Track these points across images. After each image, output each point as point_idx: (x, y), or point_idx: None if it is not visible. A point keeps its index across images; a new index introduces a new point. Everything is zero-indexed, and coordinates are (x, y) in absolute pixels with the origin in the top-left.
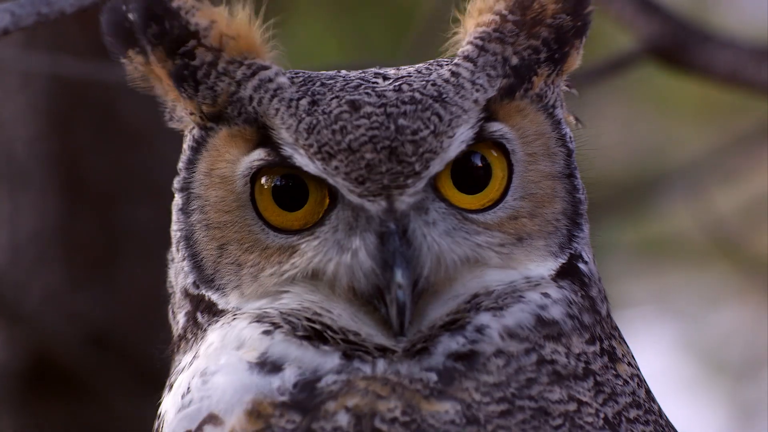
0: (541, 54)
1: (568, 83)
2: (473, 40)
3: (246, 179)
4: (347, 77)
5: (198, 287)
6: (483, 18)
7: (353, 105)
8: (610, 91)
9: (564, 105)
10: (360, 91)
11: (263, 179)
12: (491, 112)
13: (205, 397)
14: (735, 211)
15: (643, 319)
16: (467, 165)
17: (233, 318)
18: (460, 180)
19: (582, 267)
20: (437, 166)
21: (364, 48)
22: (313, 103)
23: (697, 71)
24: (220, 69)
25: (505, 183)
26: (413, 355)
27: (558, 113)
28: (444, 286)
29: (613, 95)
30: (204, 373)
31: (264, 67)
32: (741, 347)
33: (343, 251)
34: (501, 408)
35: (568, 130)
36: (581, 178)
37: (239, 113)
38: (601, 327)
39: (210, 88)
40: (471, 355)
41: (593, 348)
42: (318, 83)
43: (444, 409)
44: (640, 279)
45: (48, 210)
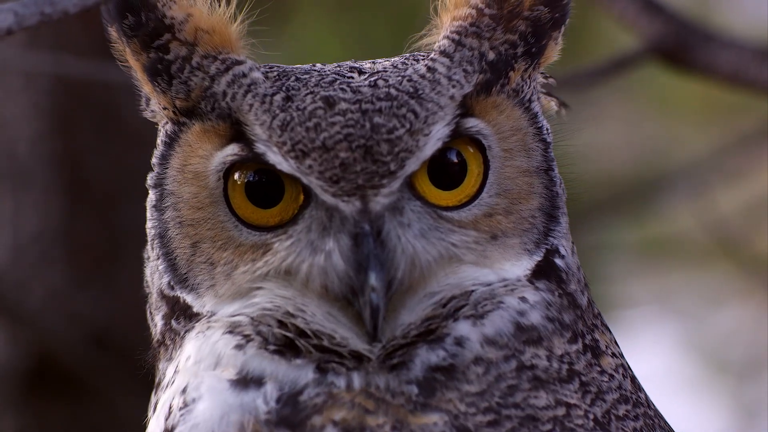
0: (518, 48)
1: (545, 74)
2: (449, 34)
3: (219, 175)
4: (322, 71)
5: (173, 288)
6: (459, 12)
7: (328, 101)
8: (612, 91)
9: (541, 96)
10: (335, 87)
11: (236, 175)
12: (467, 107)
13: (194, 427)
14: (737, 211)
15: (645, 319)
16: (443, 161)
17: (207, 327)
18: (435, 176)
19: (558, 262)
20: (413, 165)
21: (366, 48)
22: (288, 99)
23: (700, 71)
24: (194, 63)
25: (481, 179)
26: (390, 369)
27: (535, 107)
28: (419, 285)
29: (616, 95)
30: (186, 394)
31: (238, 62)
32: (743, 347)
33: (317, 252)
34: (488, 418)
35: (545, 123)
36: (560, 170)
37: (213, 108)
38: (583, 321)
39: (183, 82)
40: (451, 368)
41: (575, 347)
42: (293, 78)
43: (432, 421)
44: (642, 279)
45: (50, 210)
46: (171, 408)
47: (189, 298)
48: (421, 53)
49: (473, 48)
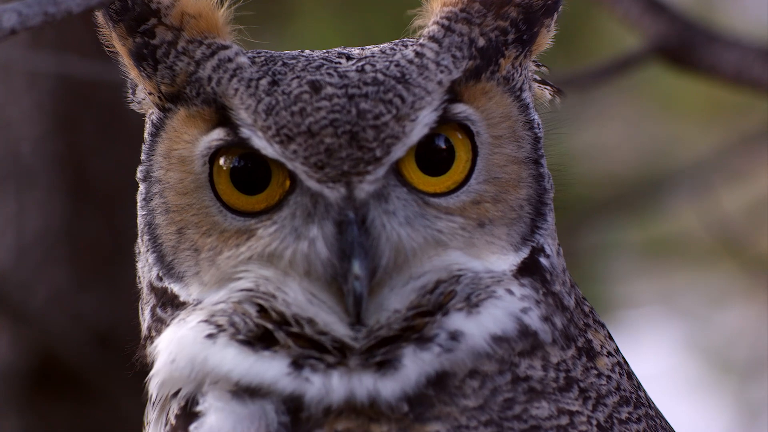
0: (509, 35)
1: (537, 62)
2: (439, 20)
3: (204, 159)
4: (310, 57)
5: (161, 279)
6: None
7: (314, 86)
8: (616, 91)
9: (533, 85)
10: (322, 72)
11: (222, 160)
12: (456, 93)
13: None
14: (740, 211)
15: (649, 319)
16: (431, 147)
17: (189, 315)
18: (423, 162)
19: (543, 262)
20: (399, 151)
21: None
22: (273, 83)
23: (703, 71)
24: (179, 48)
25: (470, 166)
26: (375, 369)
27: (526, 96)
28: (403, 269)
29: (620, 95)
30: (182, 399)
31: (224, 47)
32: (746, 347)
33: (300, 239)
34: (490, 431)
35: (536, 116)
36: (553, 170)
37: (198, 93)
38: (574, 324)
39: (169, 67)
40: (443, 377)
41: (570, 352)
42: (279, 63)
43: (435, 429)
44: (645, 279)
45: (54, 210)
46: (168, 417)
47: (176, 287)
48: (411, 39)
49: (463, 34)
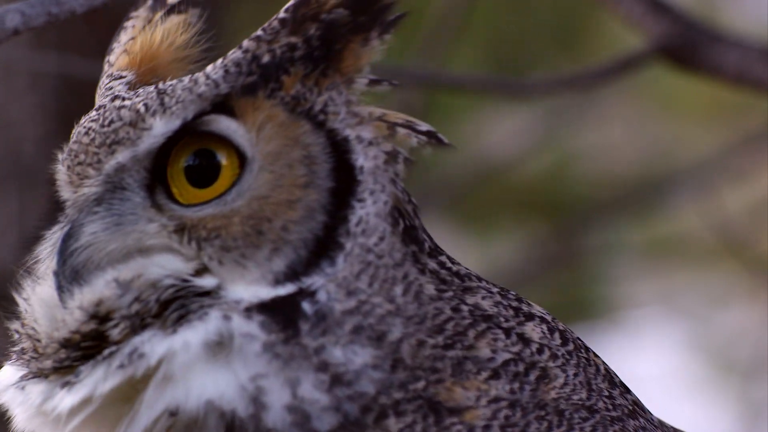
0: (297, 51)
1: (373, 82)
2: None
3: None
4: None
5: None
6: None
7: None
8: (618, 91)
9: (364, 117)
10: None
11: None
12: (227, 108)
13: None
14: (742, 211)
15: (651, 320)
16: (197, 159)
17: None
18: (191, 173)
19: (306, 307)
20: (125, 156)
21: None
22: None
23: (706, 71)
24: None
25: (233, 181)
26: (60, 378)
27: (333, 123)
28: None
29: (622, 95)
30: None
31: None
32: (749, 347)
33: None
34: None
35: (358, 147)
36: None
37: None
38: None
39: None
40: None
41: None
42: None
43: None
44: (647, 279)
45: None
46: None
47: None
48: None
49: (248, 50)
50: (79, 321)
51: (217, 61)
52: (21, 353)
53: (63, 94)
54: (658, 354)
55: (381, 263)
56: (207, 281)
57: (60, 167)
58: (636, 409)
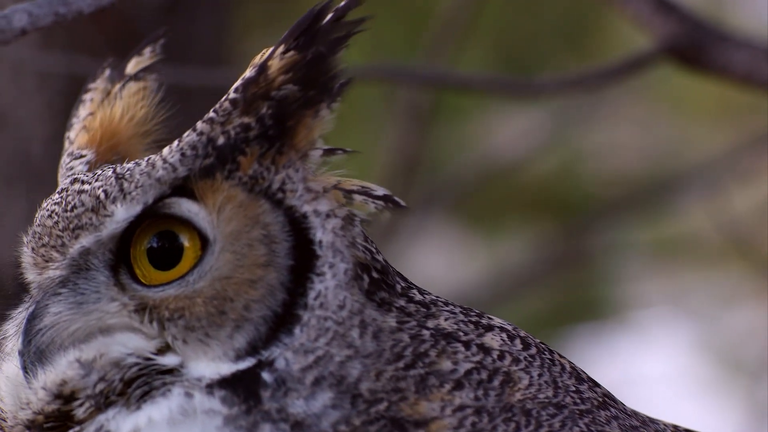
0: (251, 131)
1: (327, 152)
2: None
3: None
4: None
5: None
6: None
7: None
8: (626, 92)
9: (323, 190)
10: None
11: None
12: (187, 190)
13: None
14: (751, 211)
15: (659, 320)
16: (160, 241)
17: None
18: (153, 256)
19: (266, 377)
20: (88, 240)
21: (380, 49)
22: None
23: (714, 71)
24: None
25: (195, 262)
26: None
27: (291, 200)
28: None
29: (630, 95)
30: None
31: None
32: (757, 347)
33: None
34: None
35: (316, 221)
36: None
37: None
38: None
39: None
40: None
41: None
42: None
43: None
44: (655, 279)
45: None
46: None
47: None
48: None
49: (202, 133)
50: (43, 401)
51: (173, 144)
52: None
53: (71, 94)
54: (666, 354)
55: (339, 325)
56: (170, 359)
57: (25, 249)
58: (606, 401)
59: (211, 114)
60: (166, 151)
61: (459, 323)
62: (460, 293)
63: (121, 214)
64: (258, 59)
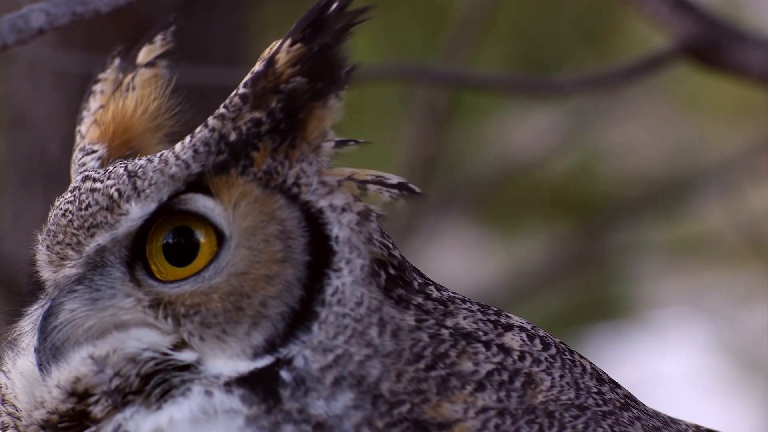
0: (263, 126)
1: (339, 143)
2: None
3: None
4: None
5: None
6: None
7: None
8: (644, 91)
9: (341, 184)
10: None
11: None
12: (202, 186)
13: None
14: None
15: (676, 319)
16: (176, 237)
17: None
18: (169, 252)
19: (284, 375)
20: (104, 239)
21: (397, 48)
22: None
23: (731, 71)
24: None
25: (211, 258)
26: None
27: (307, 195)
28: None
29: (648, 95)
30: None
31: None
32: None
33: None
34: None
35: (332, 216)
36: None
37: None
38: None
39: None
40: None
41: None
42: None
43: None
44: (673, 278)
45: None
46: None
47: None
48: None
49: (214, 129)
50: (58, 399)
51: (185, 140)
52: (2, 428)
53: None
54: (682, 353)
55: (357, 322)
56: (186, 355)
57: (39, 247)
58: (628, 402)
59: (222, 110)
60: (178, 148)
61: (478, 322)
62: (477, 293)
63: (136, 212)
64: (266, 53)
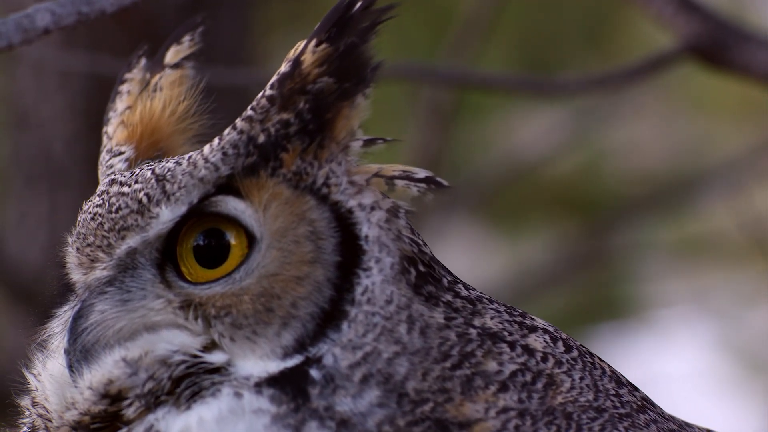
0: (291, 128)
1: (368, 142)
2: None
3: None
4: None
5: None
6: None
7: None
8: (649, 90)
9: (368, 182)
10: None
11: None
12: (233, 188)
13: None
14: None
15: (681, 319)
16: (206, 239)
17: None
18: (200, 254)
19: (314, 374)
20: (135, 241)
21: (404, 48)
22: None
23: (736, 70)
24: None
25: (242, 259)
26: None
27: (336, 195)
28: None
29: (653, 94)
30: None
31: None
32: None
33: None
34: None
35: (361, 215)
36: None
37: None
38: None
39: None
40: None
41: None
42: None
43: None
44: (678, 278)
45: None
46: None
47: None
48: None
49: (242, 131)
50: (90, 401)
51: (214, 142)
52: (33, 430)
53: (93, 93)
54: (687, 353)
55: (386, 320)
56: (217, 357)
57: (69, 250)
58: (645, 405)
59: (249, 112)
60: (207, 150)
61: (504, 323)
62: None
63: (167, 215)
64: (291, 54)
